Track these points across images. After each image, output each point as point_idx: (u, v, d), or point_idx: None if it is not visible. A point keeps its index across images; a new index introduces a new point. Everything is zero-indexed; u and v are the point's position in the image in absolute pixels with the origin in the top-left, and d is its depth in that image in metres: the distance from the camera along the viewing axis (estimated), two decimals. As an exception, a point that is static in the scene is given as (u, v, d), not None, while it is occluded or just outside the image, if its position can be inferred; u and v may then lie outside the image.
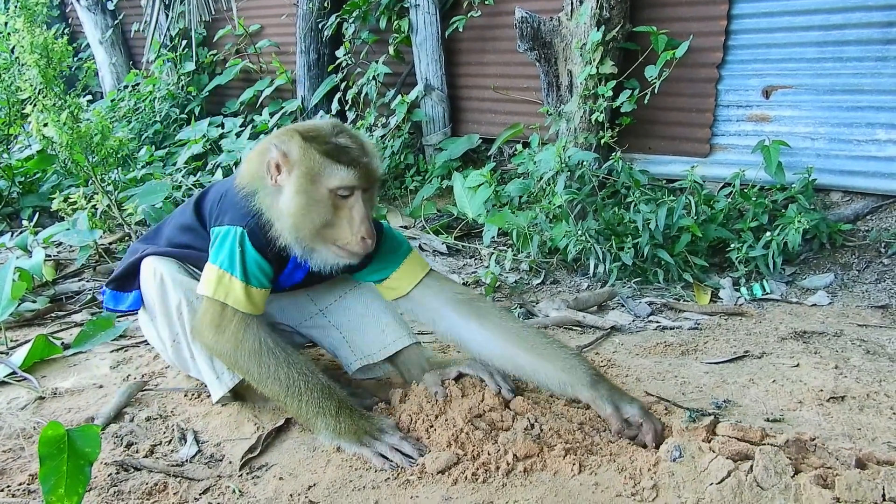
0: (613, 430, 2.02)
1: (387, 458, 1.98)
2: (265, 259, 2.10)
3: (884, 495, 1.58)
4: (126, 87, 7.51)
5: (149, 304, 2.33)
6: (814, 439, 1.86)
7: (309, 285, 2.37)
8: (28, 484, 1.95)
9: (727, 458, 1.75)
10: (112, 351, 2.88)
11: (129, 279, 2.40)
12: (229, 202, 2.14)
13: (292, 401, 2.07)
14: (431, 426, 2.09)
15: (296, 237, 2.06)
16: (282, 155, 2.03)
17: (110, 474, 1.99)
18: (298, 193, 2.01)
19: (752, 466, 1.70)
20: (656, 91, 4.30)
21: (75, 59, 7.58)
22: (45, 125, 4.15)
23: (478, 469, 1.90)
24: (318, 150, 2.02)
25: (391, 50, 5.75)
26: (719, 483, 1.69)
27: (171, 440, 2.20)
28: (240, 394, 2.31)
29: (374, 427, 2.07)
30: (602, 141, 4.46)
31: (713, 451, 1.79)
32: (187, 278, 2.24)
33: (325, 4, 6.09)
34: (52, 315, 3.38)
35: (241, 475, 2.01)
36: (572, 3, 4.42)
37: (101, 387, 2.56)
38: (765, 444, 1.80)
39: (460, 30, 5.26)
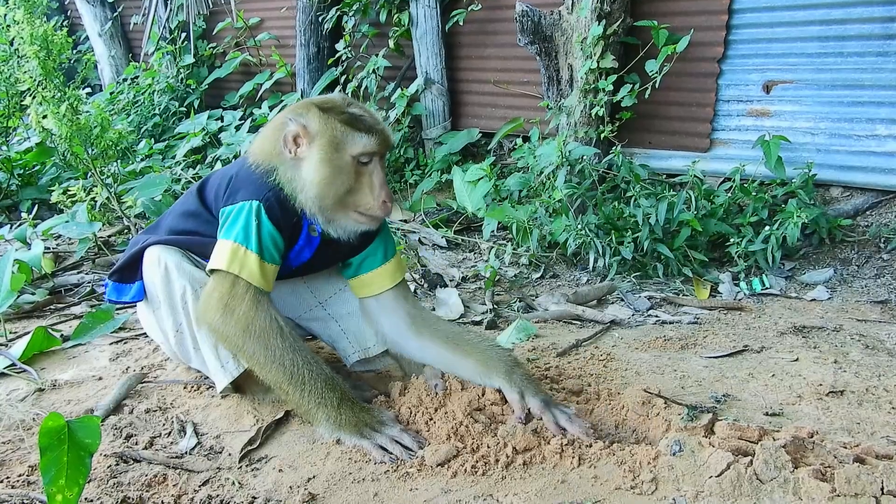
0: (515, 416, 2.08)
1: (387, 451, 1.99)
2: (280, 234, 2.11)
3: (882, 489, 1.58)
4: (125, 79, 7.48)
5: (152, 293, 2.31)
6: (812, 435, 1.86)
7: (313, 268, 2.37)
8: (28, 475, 1.95)
9: (727, 451, 1.76)
10: (111, 343, 2.88)
11: (131, 270, 2.39)
12: (242, 180, 2.16)
13: (295, 389, 2.07)
14: (431, 419, 2.09)
15: (320, 206, 2.10)
16: (301, 127, 2.08)
17: (110, 466, 1.99)
18: (323, 162, 2.06)
19: (751, 460, 1.70)
20: (657, 86, 4.29)
21: (74, 51, 7.54)
22: (45, 117, 4.14)
23: (477, 462, 1.90)
24: (339, 120, 2.08)
25: (391, 43, 5.73)
26: (719, 476, 1.69)
27: (170, 432, 2.20)
28: (240, 386, 2.30)
29: (374, 419, 2.08)
30: (602, 135, 4.46)
31: (713, 446, 1.79)
32: (192, 267, 2.24)
33: (325, -3, 6.08)
34: (52, 307, 3.38)
35: (240, 467, 2.01)
36: (573, -3, 4.41)
37: (100, 379, 2.56)
38: (764, 441, 1.81)
39: (460, 23, 5.25)
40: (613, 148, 4.28)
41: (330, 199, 2.09)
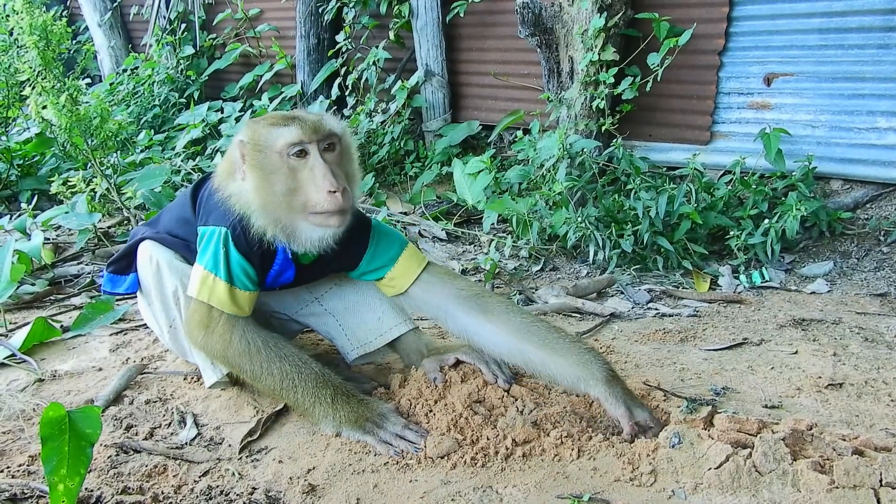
0: (625, 431, 1.96)
1: (391, 445, 1.99)
2: (249, 262, 2.09)
3: (881, 480, 1.59)
4: (125, 70, 7.47)
5: (145, 288, 2.33)
6: (811, 427, 1.87)
7: (300, 285, 2.36)
8: (28, 465, 1.95)
9: (726, 444, 1.76)
10: (111, 334, 2.88)
11: (126, 262, 2.40)
12: (213, 202, 2.14)
13: (288, 393, 2.08)
14: (431, 411, 2.10)
15: (271, 220, 2.03)
16: (241, 144, 2.05)
17: (110, 456, 1.99)
18: (254, 169, 2.02)
19: (750, 453, 1.71)
20: (659, 79, 4.28)
21: (74, 41, 7.52)
22: (44, 108, 4.13)
23: (477, 453, 1.91)
24: (263, 123, 2.06)
25: (391, 35, 5.72)
26: (718, 468, 1.70)
27: (170, 423, 2.20)
28: (238, 378, 2.30)
29: (374, 413, 2.07)
30: (603, 128, 4.45)
31: (712, 439, 1.80)
32: (184, 265, 2.24)
33: (326, -12, 6.06)
34: (51, 298, 3.37)
35: (240, 458, 2.01)
36: (574, -11, 4.40)
37: (100, 369, 2.56)
38: (763, 434, 1.81)
39: (461, 15, 5.24)
40: (614, 140, 4.28)
41: (273, 205, 2.01)
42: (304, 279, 2.28)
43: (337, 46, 5.94)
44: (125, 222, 4.39)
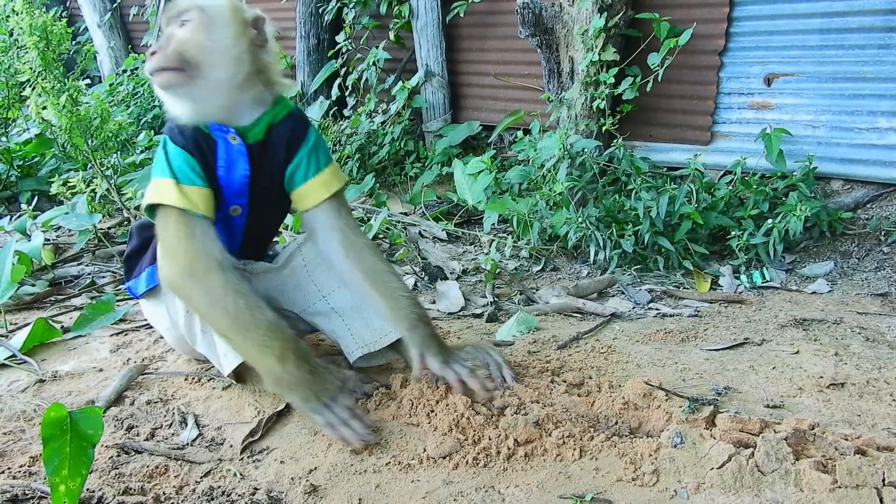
0: (415, 371, 2.18)
1: (335, 429, 1.98)
2: (188, 153, 2.07)
3: (884, 480, 1.59)
4: (125, 71, 7.47)
5: None
6: (813, 427, 1.86)
7: (266, 191, 2.25)
8: (29, 466, 1.95)
9: (728, 443, 1.76)
10: (112, 335, 2.87)
11: (135, 260, 2.41)
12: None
13: (237, 335, 2.01)
14: (432, 411, 2.09)
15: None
16: None
17: (111, 457, 1.99)
18: None
19: (753, 452, 1.71)
20: (660, 79, 4.28)
21: (73, 42, 7.52)
22: (44, 108, 4.13)
23: (479, 454, 1.91)
24: None
25: (391, 35, 5.72)
26: (720, 467, 1.70)
27: (171, 423, 2.20)
28: (241, 375, 2.30)
29: (325, 388, 2.02)
30: (603, 128, 4.45)
31: (714, 438, 1.80)
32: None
33: (326, -11, 6.06)
34: (52, 299, 3.37)
35: (241, 459, 2.01)
36: (574, -11, 4.40)
37: (101, 370, 2.56)
38: (766, 433, 1.81)
39: (461, 15, 5.24)
40: (614, 141, 4.28)
41: None
42: (261, 176, 2.20)
43: (337, 47, 5.94)
44: (125, 223, 4.38)
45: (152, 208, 2.10)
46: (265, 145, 2.18)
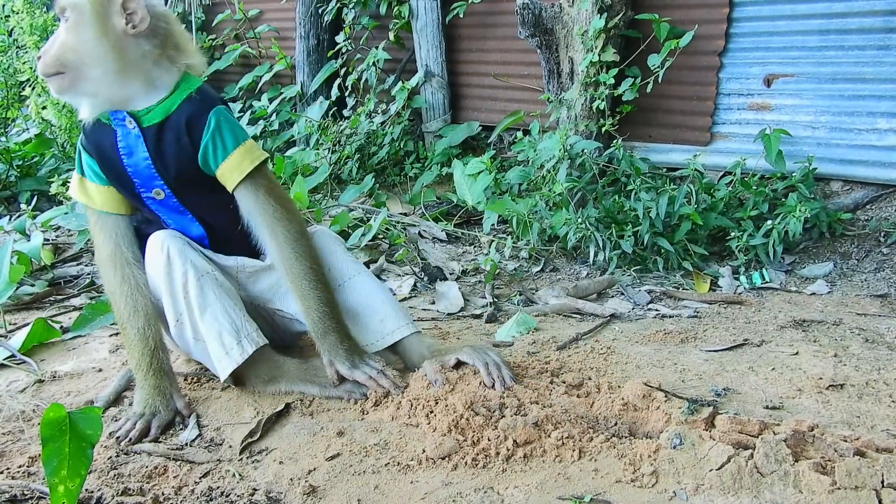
0: (329, 375, 2.26)
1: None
2: (88, 153, 2.20)
3: (883, 481, 1.59)
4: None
5: (154, 282, 2.26)
6: (812, 428, 1.86)
7: (177, 170, 2.20)
8: (28, 466, 1.95)
9: (727, 444, 1.76)
10: (111, 335, 2.87)
11: None
12: None
13: (120, 328, 2.24)
14: (431, 412, 2.09)
15: None
16: None
17: (110, 457, 1.99)
18: None
19: (752, 454, 1.71)
20: (660, 80, 4.28)
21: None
22: (44, 108, 4.14)
23: (478, 455, 1.91)
24: None
25: (391, 36, 5.72)
26: (719, 469, 1.70)
27: (170, 424, 2.20)
28: (240, 378, 2.30)
29: (156, 408, 2.18)
30: (603, 129, 4.46)
31: (713, 440, 1.80)
32: (195, 254, 2.24)
33: (326, -11, 6.06)
34: (51, 299, 3.37)
35: (241, 459, 2.01)
36: (574, -10, 4.40)
37: (100, 370, 2.56)
38: (765, 435, 1.81)
39: (461, 16, 5.24)
40: (614, 141, 4.28)
41: None
42: (166, 160, 2.17)
43: (337, 47, 5.94)
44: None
45: None
46: (162, 129, 2.16)
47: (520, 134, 5.03)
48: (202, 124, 2.16)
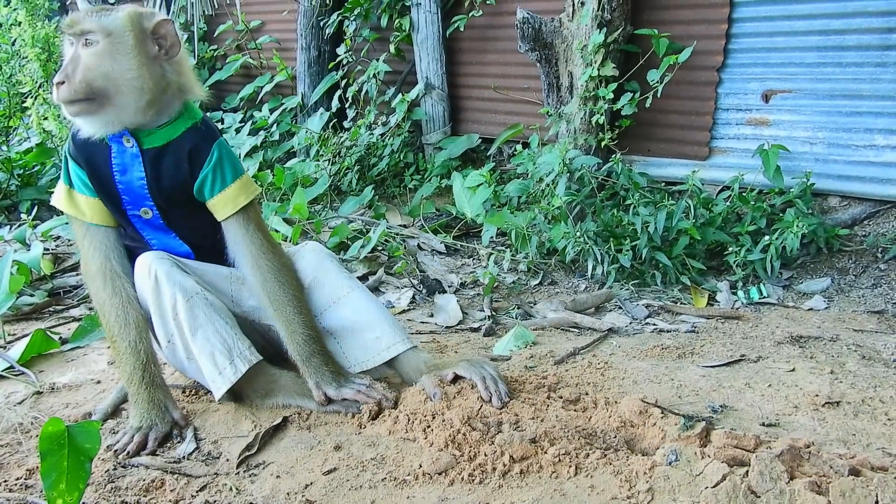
0: (315, 398, 2.27)
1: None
2: (77, 164, 2.18)
3: (877, 502, 1.59)
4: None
5: (143, 302, 2.27)
6: (808, 446, 1.87)
7: (171, 190, 2.24)
8: (26, 479, 1.96)
9: (723, 462, 1.77)
10: (109, 346, 2.87)
11: None
12: None
13: (109, 339, 2.23)
14: (429, 426, 2.10)
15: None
16: None
17: (107, 470, 1.99)
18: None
19: (747, 472, 1.71)
20: (659, 95, 4.31)
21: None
22: (45, 118, 4.15)
23: (474, 470, 1.91)
24: None
25: (392, 48, 5.75)
26: (714, 487, 1.70)
27: (168, 437, 2.21)
28: (237, 393, 2.31)
29: (151, 422, 2.18)
30: (602, 143, 4.47)
31: (709, 457, 1.80)
32: (182, 276, 2.23)
33: (327, 1, 6.09)
34: (51, 309, 3.38)
35: (238, 473, 2.01)
36: (574, 5, 4.43)
37: (98, 382, 2.57)
38: (760, 452, 1.82)
39: (461, 29, 5.27)
40: (613, 155, 4.30)
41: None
42: (161, 181, 2.20)
43: (338, 59, 5.98)
44: (125, 233, 4.39)
45: None
46: (162, 153, 2.19)
47: (519, 147, 5.05)
48: (205, 155, 2.21)
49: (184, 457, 2.10)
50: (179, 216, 2.31)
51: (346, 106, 5.96)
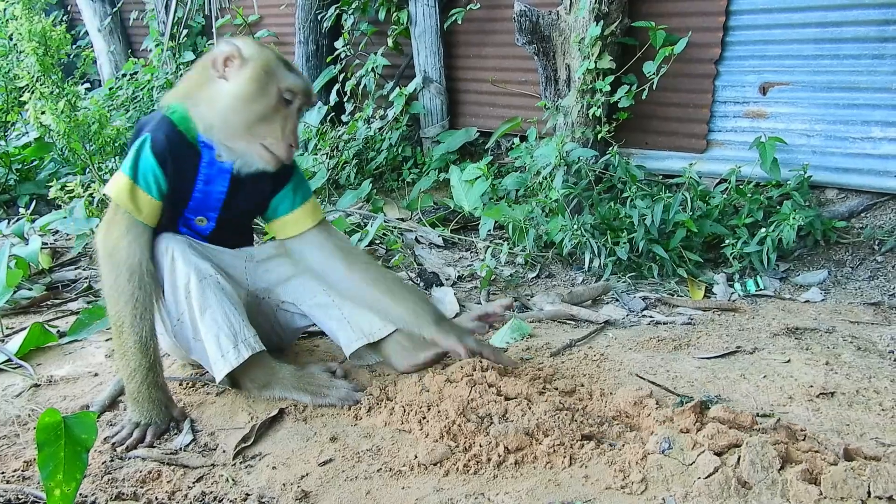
0: (462, 355, 2.33)
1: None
2: (161, 168, 2.16)
3: (869, 492, 1.60)
4: (124, 75, 7.49)
5: (160, 281, 2.28)
6: (803, 430, 1.88)
7: (239, 206, 2.36)
8: (23, 470, 1.97)
9: (715, 452, 1.78)
10: (107, 339, 2.88)
11: None
12: (147, 121, 2.26)
13: (115, 328, 2.18)
14: (424, 417, 2.11)
15: (229, 128, 2.16)
16: (236, 50, 2.15)
17: (104, 462, 2.00)
18: (252, 81, 2.13)
19: (738, 461, 1.72)
20: (654, 87, 4.31)
21: (74, 46, 7.54)
22: (43, 113, 4.15)
23: (469, 461, 1.92)
24: (274, 54, 2.21)
25: (390, 42, 5.75)
26: (707, 478, 1.71)
27: (165, 428, 2.21)
28: (236, 380, 2.32)
29: (154, 419, 2.18)
30: (599, 136, 4.48)
31: (702, 445, 1.81)
32: (197, 258, 2.27)
33: (325, -5, 6.08)
34: (48, 303, 3.38)
35: (234, 464, 2.02)
36: (571, -3, 4.43)
37: (96, 375, 2.58)
38: (755, 431, 1.84)
39: (459, 22, 5.26)
40: (610, 148, 4.30)
41: (241, 121, 2.14)
42: (237, 195, 2.31)
43: (335, 53, 5.97)
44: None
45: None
46: (248, 176, 2.26)
47: (517, 140, 5.05)
48: (290, 175, 2.38)
49: (180, 448, 2.11)
50: (229, 226, 2.41)
51: (344, 100, 5.95)
